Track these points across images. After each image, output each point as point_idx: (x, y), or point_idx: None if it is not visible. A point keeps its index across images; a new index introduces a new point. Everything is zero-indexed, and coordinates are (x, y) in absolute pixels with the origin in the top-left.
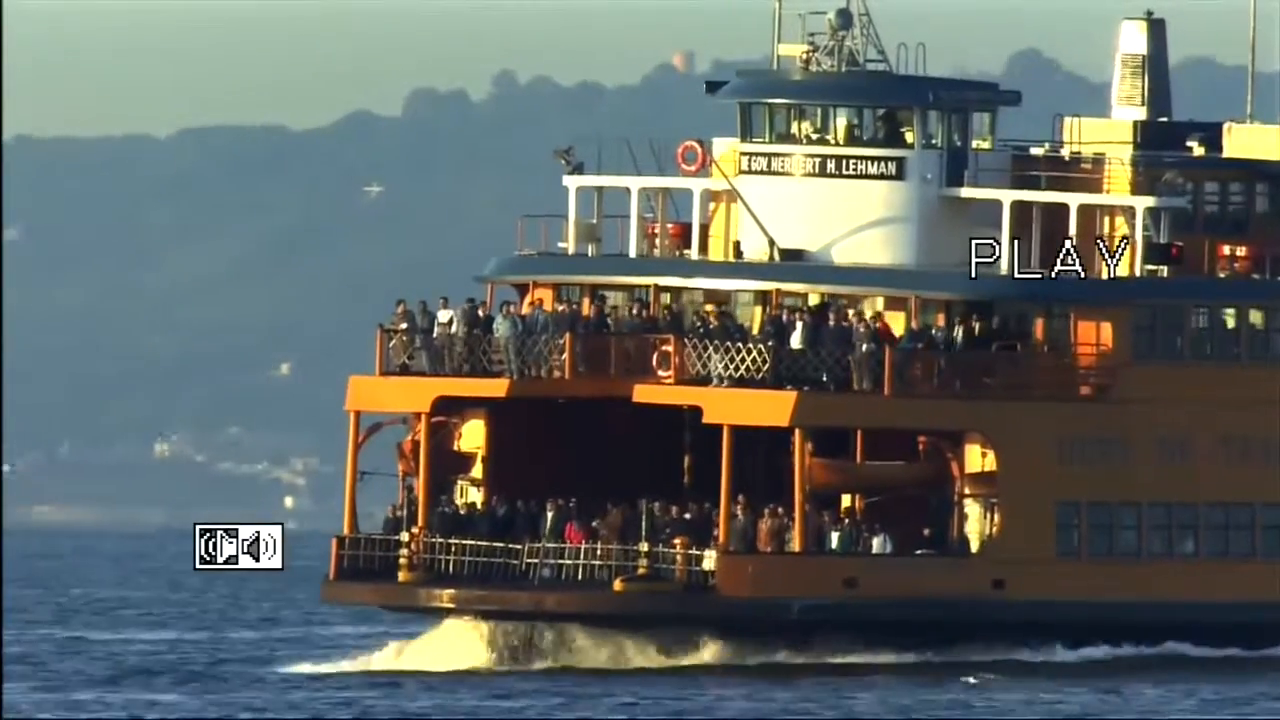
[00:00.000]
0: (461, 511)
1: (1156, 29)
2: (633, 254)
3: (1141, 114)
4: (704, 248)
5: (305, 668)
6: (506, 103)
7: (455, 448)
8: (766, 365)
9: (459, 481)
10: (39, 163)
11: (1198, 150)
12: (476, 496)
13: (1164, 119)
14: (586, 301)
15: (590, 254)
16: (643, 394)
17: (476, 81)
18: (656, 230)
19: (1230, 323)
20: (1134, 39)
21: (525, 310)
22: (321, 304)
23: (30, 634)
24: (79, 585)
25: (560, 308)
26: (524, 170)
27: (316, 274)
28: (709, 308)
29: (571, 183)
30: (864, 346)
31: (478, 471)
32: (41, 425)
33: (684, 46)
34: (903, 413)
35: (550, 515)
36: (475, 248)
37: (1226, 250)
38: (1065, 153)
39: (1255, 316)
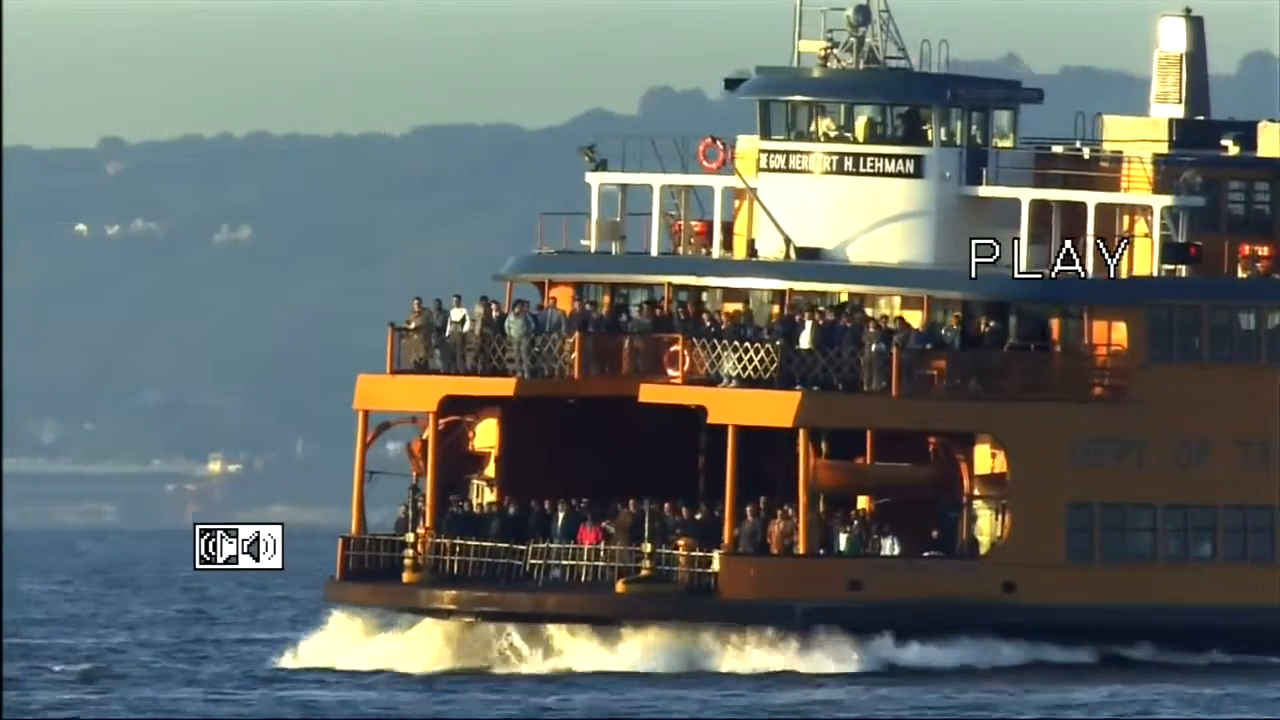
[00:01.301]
0: (478, 511)
1: (1195, 26)
2: (654, 252)
3: (1179, 112)
4: (729, 245)
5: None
6: (743, 102)
7: (470, 447)
8: (775, 365)
9: (475, 481)
10: (272, 161)
11: (1233, 149)
12: (492, 496)
13: (1201, 117)
14: (607, 300)
15: (614, 252)
16: (648, 394)
17: (712, 80)
18: (683, 228)
19: (1250, 323)
20: (1172, 36)
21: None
22: None
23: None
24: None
25: (574, 306)
26: None
27: None
28: (730, 307)
29: (594, 180)
30: (873, 346)
31: (492, 471)
32: (275, 424)
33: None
34: (910, 413)
35: (562, 516)
36: None
37: (1249, 250)
38: (1087, 151)
39: (1277, 317)
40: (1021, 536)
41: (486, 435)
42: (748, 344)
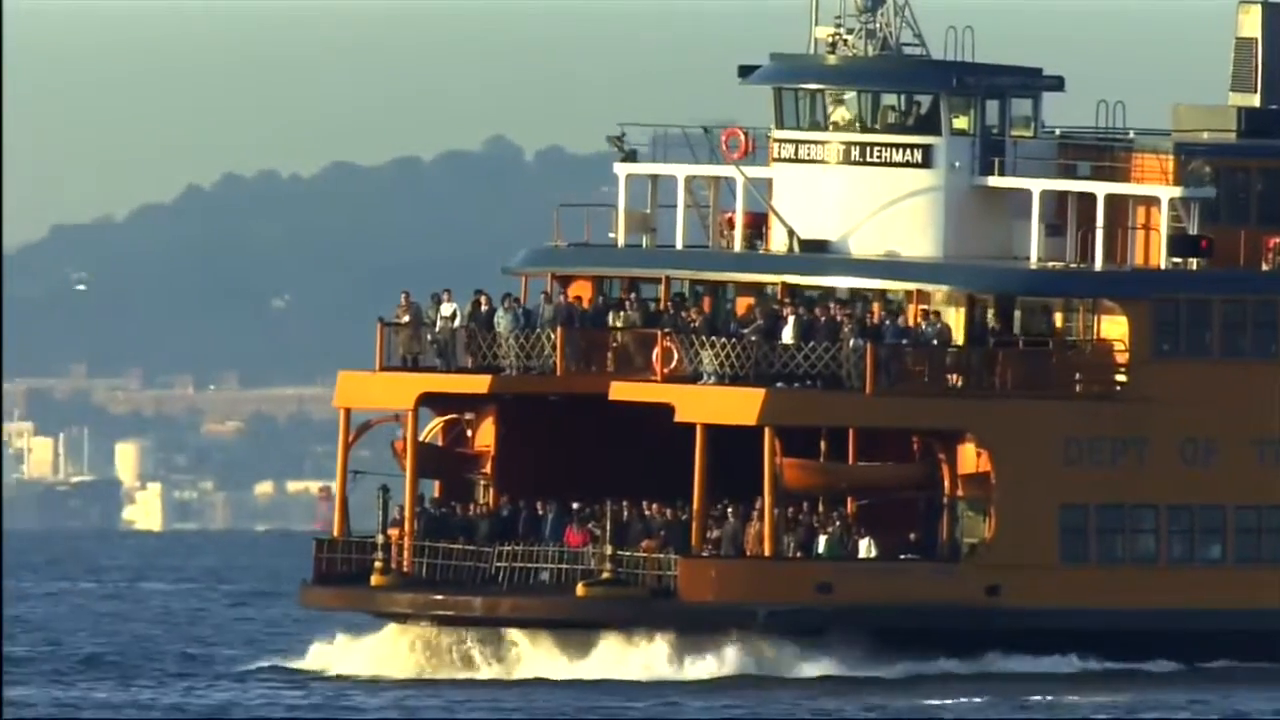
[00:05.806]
0: (455, 514)
1: (1273, 13)
2: (679, 244)
3: (1255, 100)
4: (764, 237)
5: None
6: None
7: (471, 447)
8: (751, 361)
9: (480, 482)
10: (573, 173)
11: None
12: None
13: (1274, 106)
14: (624, 294)
15: (645, 245)
16: (618, 391)
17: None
18: (724, 219)
19: (1266, 317)
20: (1248, 23)
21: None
22: None
23: None
24: None
25: (557, 301)
26: None
27: None
28: (743, 301)
29: (621, 170)
30: (850, 343)
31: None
32: None
33: None
34: (883, 411)
35: (551, 517)
36: None
37: (1274, 242)
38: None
39: None
40: (1006, 538)
41: (486, 434)
42: (724, 340)
